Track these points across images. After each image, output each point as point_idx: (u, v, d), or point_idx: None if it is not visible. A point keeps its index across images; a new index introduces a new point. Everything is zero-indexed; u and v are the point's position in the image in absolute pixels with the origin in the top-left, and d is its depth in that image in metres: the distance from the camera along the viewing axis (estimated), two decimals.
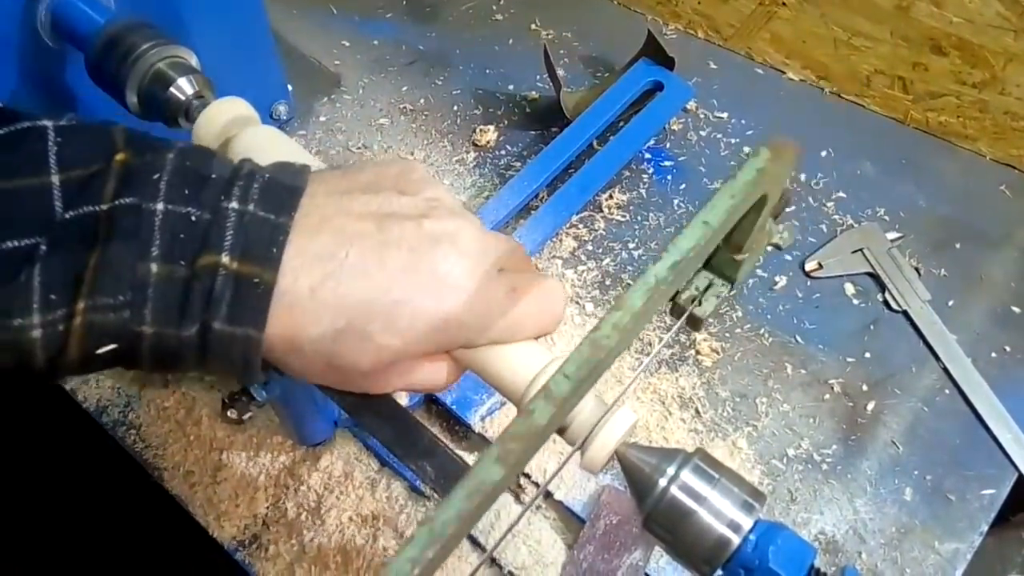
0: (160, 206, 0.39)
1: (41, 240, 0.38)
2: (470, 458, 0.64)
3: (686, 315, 0.55)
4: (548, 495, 0.74)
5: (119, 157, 0.40)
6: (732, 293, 0.86)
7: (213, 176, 0.41)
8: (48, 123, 0.41)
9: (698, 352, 0.82)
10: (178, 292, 0.39)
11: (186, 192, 0.40)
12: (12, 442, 1.16)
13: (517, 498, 0.74)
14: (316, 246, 0.41)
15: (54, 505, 1.20)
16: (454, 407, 0.77)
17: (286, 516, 0.75)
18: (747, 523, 0.42)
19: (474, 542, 0.72)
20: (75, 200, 0.39)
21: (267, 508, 0.75)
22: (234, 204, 0.40)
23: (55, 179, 0.39)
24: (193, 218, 0.40)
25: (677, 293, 0.54)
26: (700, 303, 0.54)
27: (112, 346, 0.39)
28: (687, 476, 0.43)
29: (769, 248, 0.55)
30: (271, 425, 0.78)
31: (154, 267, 0.39)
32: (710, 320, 0.85)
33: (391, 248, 0.42)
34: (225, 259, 0.39)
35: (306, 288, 0.40)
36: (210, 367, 0.41)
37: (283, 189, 0.42)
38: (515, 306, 0.44)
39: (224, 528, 0.75)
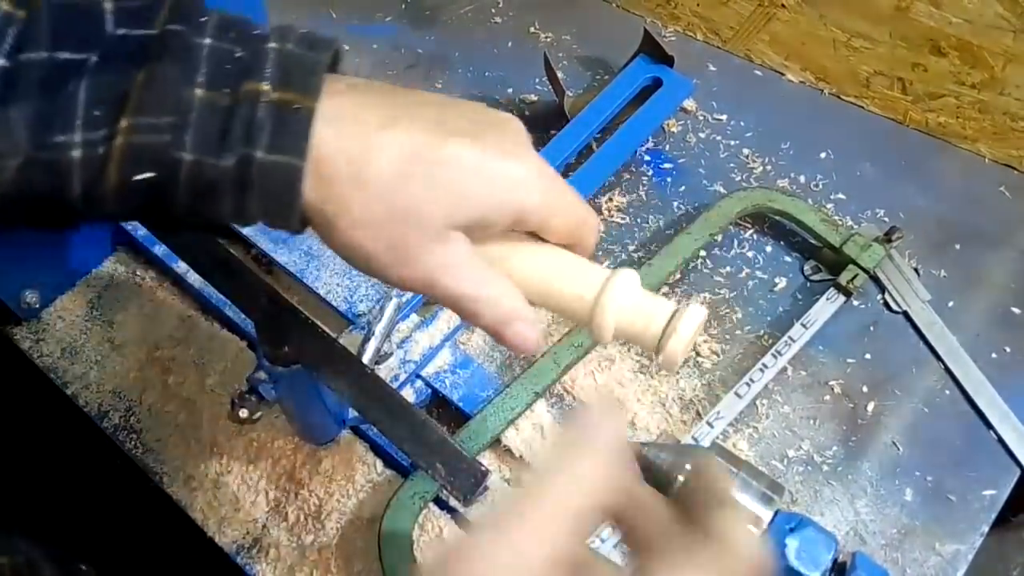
0: (207, 40, 0.40)
1: (92, 55, 0.39)
2: (480, 456, 0.64)
3: None
4: None
5: None
6: (732, 295, 0.86)
7: (256, 31, 0.42)
8: None
9: (698, 354, 0.82)
10: (220, 118, 0.39)
11: (231, 35, 0.41)
12: (13, 447, 1.16)
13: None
14: (384, 98, 0.42)
15: (55, 510, 1.20)
16: (461, 404, 0.77)
17: (287, 520, 0.75)
18: (767, 515, 0.42)
19: None
20: (127, 23, 0.40)
21: (268, 512, 0.75)
22: (272, 44, 0.41)
23: (108, 5, 0.41)
24: (237, 54, 0.40)
25: None
26: None
27: (150, 174, 0.39)
28: None
29: None
30: (272, 429, 0.78)
31: (199, 92, 0.39)
32: (711, 321, 0.85)
33: (452, 117, 0.43)
34: (266, 87, 0.39)
35: (376, 124, 0.41)
36: (250, 208, 0.40)
37: (319, 39, 0.42)
38: (564, 189, 0.46)
39: (225, 532, 0.75)
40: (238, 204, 0.41)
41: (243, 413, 0.65)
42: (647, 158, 0.98)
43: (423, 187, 0.41)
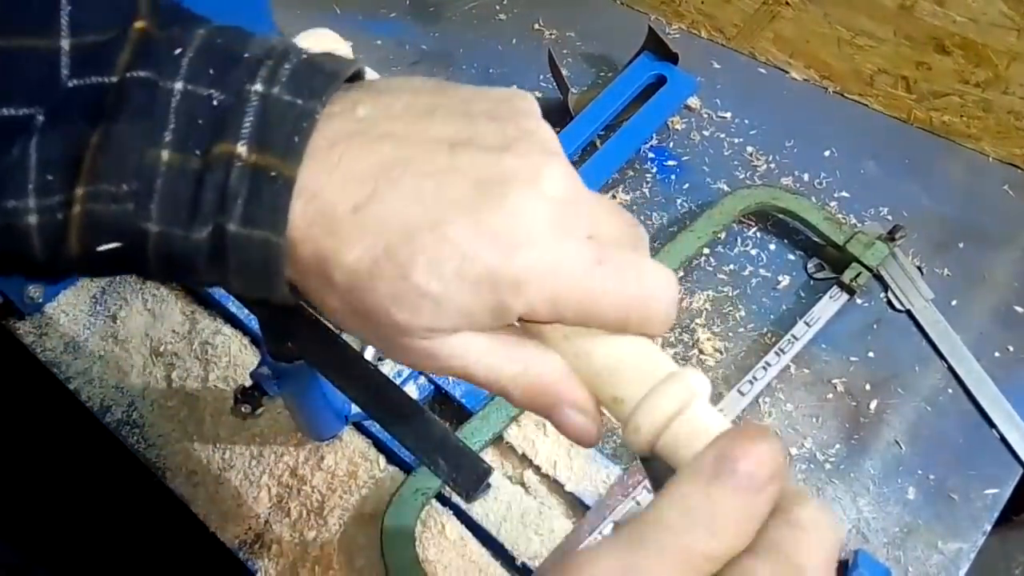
0: (179, 85, 0.34)
1: (40, 110, 0.34)
2: (482, 453, 0.64)
3: None
4: (559, 486, 0.74)
5: (138, 25, 0.35)
6: (736, 293, 0.86)
7: (246, 56, 0.35)
8: None
9: (701, 351, 0.82)
10: (189, 186, 0.34)
11: (211, 72, 0.34)
12: (16, 442, 1.16)
13: (526, 490, 0.74)
14: (370, 162, 0.35)
15: (57, 504, 1.21)
16: (464, 400, 0.77)
17: (289, 516, 0.75)
18: None
19: (483, 536, 0.72)
20: (82, 69, 0.35)
21: (270, 508, 0.75)
22: (258, 87, 0.34)
23: (65, 44, 0.35)
24: (215, 102, 0.34)
25: None
26: None
27: (114, 244, 0.34)
28: None
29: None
30: (275, 425, 0.78)
31: (165, 154, 0.34)
32: (714, 318, 0.85)
33: (456, 176, 0.35)
34: (241, 149, 0.33)
35: (350, 205, 0.34)
36: (231, 280, 0.35)
37: (319, 73, 0.35)
38: (600, 280, 0.35)
39: (227, 528, 0.75)
40: (218, 277, 0.35)
41: (246, 408, 0.65)
42: (651, 155, 0.98)
43: (392, 294, 0.34)
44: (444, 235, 0.34)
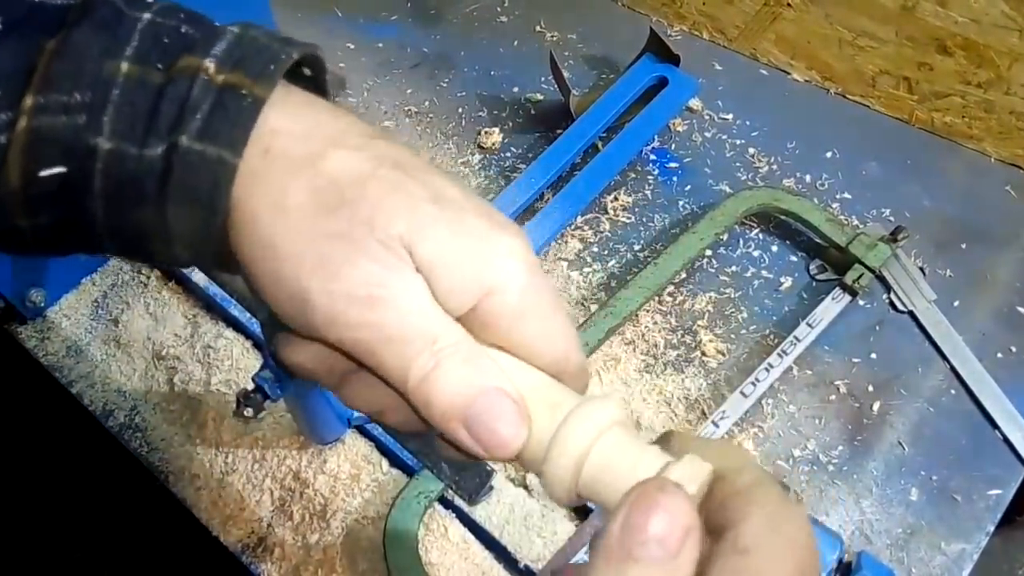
0: (147, 15, 0.33)
1: None
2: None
3: None
4: None
5: None
6: (738, 294, 0.86)
7: (218, 24, 0.34)
8: None
9: (704, 353, 0.82)
10: (148, 98, 0.31)
11: (181, 16, 0.33)
12: (18, 446, 1.16)
13: (529, 493, 0.74)
14: (358, 121, 0.35)
15: (60, 509, 1.21)
16: None
17: (292, 519, 0.75)
18: None
19: (485, 538, 0.72)
20: None
21: (273, 511, 0.75)
22: (234, 28, 0.33)
23: None
24: (183, 30, 0.33)
25: None
26: None
27: (59, 168, 0.32)
28: None
29: None
30: (277, 428, 0.78)
31: (124, 66, 0.31)
32: (716, 320, 0.85)
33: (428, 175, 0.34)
34: (210, 65, 0.32)
35: (354, 133, 0.34)
36: (169, 210, 0.32)
37: (299, 41, 0.35)
38: (558, 303, 0.35)
39: (230, 531, 0.75)
40: (160, 208, 0.32)
41: (248, 412, 0.65)
42: (652, 157, 0.98)
43: (388, 190, 0.32)
44: (452, 184, 0.34)
